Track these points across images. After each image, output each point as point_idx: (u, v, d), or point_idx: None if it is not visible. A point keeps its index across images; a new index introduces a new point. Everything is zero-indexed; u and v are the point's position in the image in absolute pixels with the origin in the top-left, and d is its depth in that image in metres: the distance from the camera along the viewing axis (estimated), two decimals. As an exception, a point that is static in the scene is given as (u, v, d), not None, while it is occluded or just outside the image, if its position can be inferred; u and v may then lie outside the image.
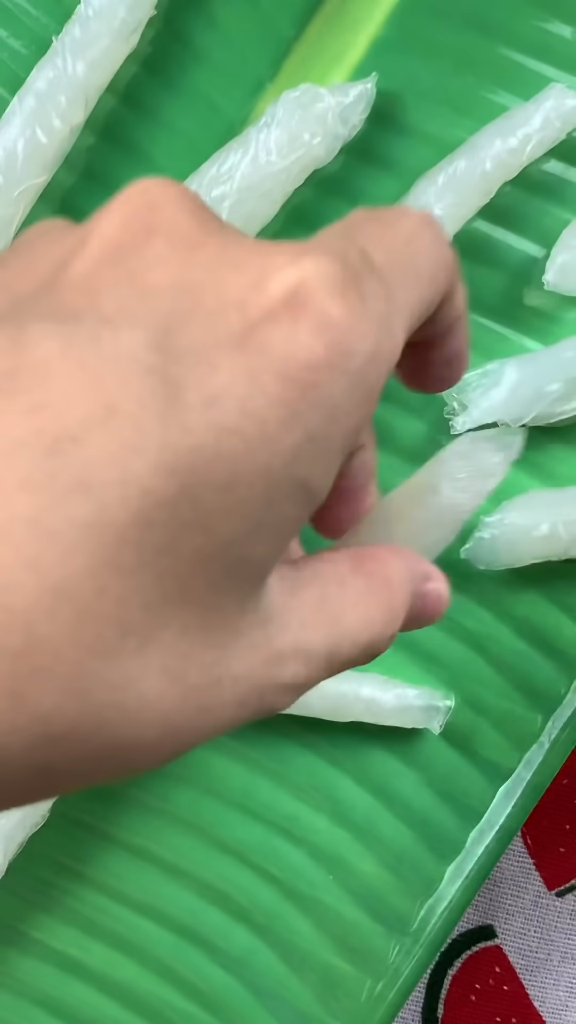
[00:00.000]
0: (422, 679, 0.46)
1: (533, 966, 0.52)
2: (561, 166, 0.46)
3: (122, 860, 0.46)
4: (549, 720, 0.45)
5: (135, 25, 0.45)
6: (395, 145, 0.46)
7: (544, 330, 0.46)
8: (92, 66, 0.45)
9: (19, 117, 0.44)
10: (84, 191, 0.47)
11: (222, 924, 0.46)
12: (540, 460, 0.46)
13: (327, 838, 0.46)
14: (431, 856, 0.45)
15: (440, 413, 0.45)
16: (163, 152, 0.47)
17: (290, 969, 0.45)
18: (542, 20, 0.46)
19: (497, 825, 0.45)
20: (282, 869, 0.46)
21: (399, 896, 0.45)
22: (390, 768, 0.46)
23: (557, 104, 0.44)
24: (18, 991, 0.46)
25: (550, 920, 0.52)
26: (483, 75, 0.46)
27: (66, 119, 0.45)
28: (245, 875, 0.46)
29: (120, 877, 0.46)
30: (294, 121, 0.44)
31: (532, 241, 0.46)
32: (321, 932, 0.45)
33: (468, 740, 0.45)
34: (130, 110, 0.47)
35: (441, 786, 0.45)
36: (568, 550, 0.44)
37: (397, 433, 0.46)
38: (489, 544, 0.45)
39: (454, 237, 0.46)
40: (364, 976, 0.45)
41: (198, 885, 0.46)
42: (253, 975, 0.45)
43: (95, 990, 0.46)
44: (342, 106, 0.45)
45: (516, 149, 0.44)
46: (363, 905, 0.45)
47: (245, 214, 0.45)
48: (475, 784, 0.45)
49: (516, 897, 0.52)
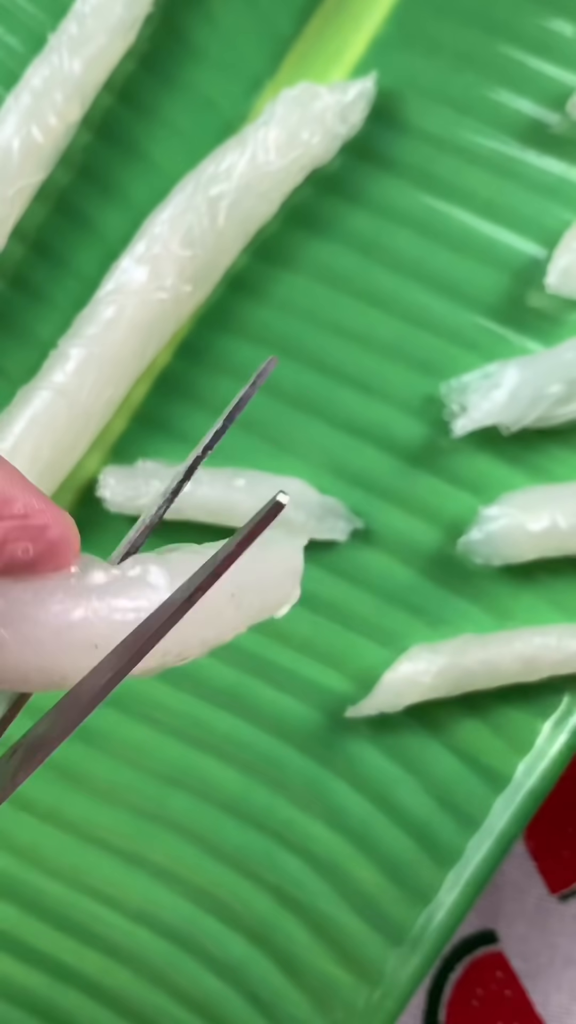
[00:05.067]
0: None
1: (535, 971, 0.52)
2: (562, 165, 0.46)
3: (117, 866, 0.46)
4: (549, 727, 0.45)
5: (132, 22, 0.45)
6: (395, 144, 0.46)
7: (545, 332, 0.45)
8: (89, 63, 0.45)
9: (15, 115, 0.45)
10: (81, 190, 0.47)
11: (218, 932, 0.46)
12: (540, 462, 0.45)
13: (324, 845, 0.45)
14: (430, 863, 0.45)
15: (440, 415, 0.45)
16: (161, 150, 0.47)
17: (287, 977, 0.45)
18: (543, 18, 0.46)
19: (496, 832, 0.45)
20: (279, 876, 0.46)
21: (397, 904, 0.45)
22: (388, 774, 0.45)
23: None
24: (11, 998, 0.46)
25: (553, 924, 0.52)
26: (484, 73, 0.46)
27: (62, 117, 0.45)
28: (241, 882, 0.46)
29: (114, 884, 0.46)
30: (293, 119, 0.44)
31: (534, 242, 0.46)
32: (318, 940, 0.45)
33: (467, 746, 0.45)
34: (127, 108, 0.47)
35: (440, 792, 0.45)
36: (566, 545, 0.44)
37: (396, 434, 0.46)
38: (487, 537, 0.45)
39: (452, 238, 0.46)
40: (362, 984, 0.45)
41: (193, 892, 0.46)
42: (249, 983, 0.45)
43: (89, 998, 0.46)
44: (341, 104, 0.45)
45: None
46: (361, 913, 0.45)
47: (243, 213, 0.45)
48: (474, 790, 0.45)
49: (518, 901, 0.52)
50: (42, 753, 0.26)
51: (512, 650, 0.44)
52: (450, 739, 0.45)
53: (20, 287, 0.47)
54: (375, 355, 0.46)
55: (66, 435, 0.44)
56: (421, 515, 0.46)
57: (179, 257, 0.44)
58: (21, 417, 0.44)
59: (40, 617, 0.27)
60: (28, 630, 0.27)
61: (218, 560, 0.25)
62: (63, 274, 0.47)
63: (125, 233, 0.46)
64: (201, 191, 0.44)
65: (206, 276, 0.45)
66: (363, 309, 0.46)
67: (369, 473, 0.46)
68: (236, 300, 0.47)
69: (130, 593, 0.28)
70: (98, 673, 0.27)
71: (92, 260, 0.46)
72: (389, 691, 0.44)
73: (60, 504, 0.46)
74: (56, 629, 0.27)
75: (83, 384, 0.44)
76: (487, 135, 0.46)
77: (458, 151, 0.46)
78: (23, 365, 0.46)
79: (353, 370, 0.46)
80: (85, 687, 0.27)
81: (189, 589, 0.25)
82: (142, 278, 0.44)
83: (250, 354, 0.46)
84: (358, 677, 0.46)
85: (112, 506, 0.46)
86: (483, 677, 0.44)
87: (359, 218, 0.46)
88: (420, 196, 0.46)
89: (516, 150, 0.46)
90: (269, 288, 0.46)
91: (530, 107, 0.46)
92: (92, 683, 0.26)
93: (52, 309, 0.46)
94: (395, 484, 0.46)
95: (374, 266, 0.46)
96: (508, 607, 0.45)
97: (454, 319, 0.46)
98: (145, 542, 0.30)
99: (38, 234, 0.47)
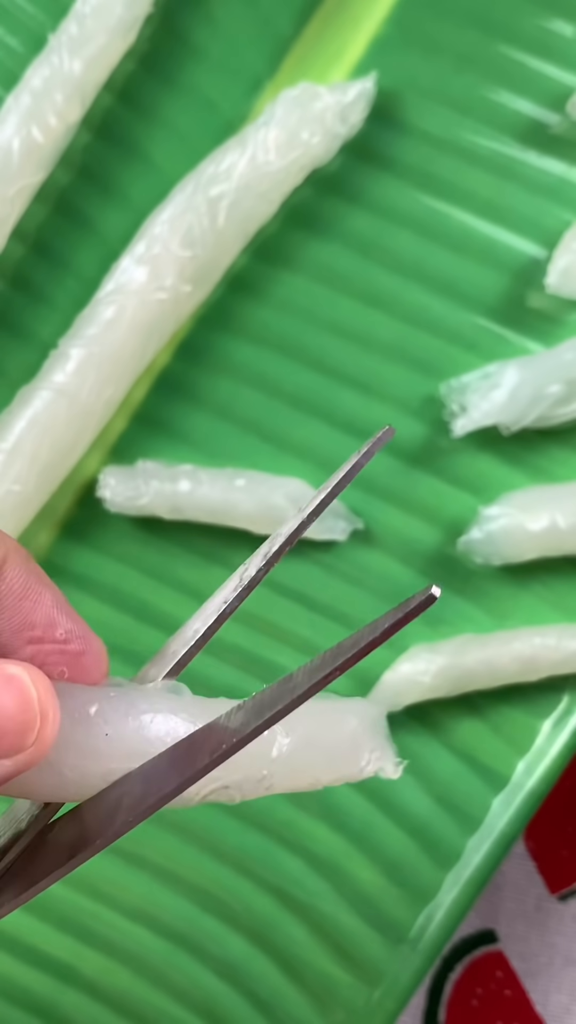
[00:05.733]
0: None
1: (535, 970, 0.52)
2: (562, 166, 0.46)
3: (116, 866, 0.46)
4: (549, 727, 0.45)
5: (132, 22, 0.45)
6: (395, 144, 0.46)
7: (545, 332, 0.45)
8: (89, 63, 0.45)
9: (15, 115, 0.45)
10: (81, 190, 0.47)
11: (218, 931, 0.46)
12: (540, 462, 0.45)
13: (324, 845, 0.45)
14: (429, 863, 0.45)
15: (440, 415, 0.45)
16: (160, 150, 0.47)
17: (287, 977, 0.45)
18: (543, 18, 0.46)
19: (496, 832, 0.45)
20: (279, 876, 0.46)
21: (397, 904, 0.45)
22: (388, 774, 0.45)
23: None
24: (11, 998, 0.46)
25: (552, 924, 0.52)
26: (484, 73, 0.46)
27: (62, 117, 0.45)
28: (241, 882, 0.46)
29: (114, 883, 0.46)
30: (293, 120, 0.44)
31: (534, 242, 0.46)
32: (318, 940, 0.45)
33: (467, 746, 0.45)
34: (127, 108, 0.47)
35: (440, 792, 0.45)
36: (565, 545, 0.44)
37: (396, 435, 0.46)
38: (487, 537, 0.45)
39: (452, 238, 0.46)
40: (361, 984, 0.45)
41: (193, 892, 0.46)
42: (249, 983, 0.45)
43: (89, 998, 0.46)
44: (341, 105, 0.45)
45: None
46: (361, 913, 0.45)
47: (243, 213, 0.45)
48: (474, 790, 0.45)
49: (518, 901, 0.52)
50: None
51: (511, 650, 0.44)
52: (450, 739, 0.45)
53: (20, 287, 0.47)
54: (375, 355, 0.46)
55: (66, 435, 0.44)
56: (421, 515, 0.46)
57: (179, 257, 0.44)
58: (21, 417, 0.44)
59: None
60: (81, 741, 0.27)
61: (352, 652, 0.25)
62: (63, 274, 0.47)
63: (125, 233, 0.46)
64: (201, 191, 0.44)
65: (206, 276, 0.45)
66: (363, 309, 0.46)
67: (369, 473, 0.46)
68: (236, 300, 0.47)
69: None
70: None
71: (92, 260, 0.46)
72: (389, 691, 0.45)
73: (60, 503, 0.47)
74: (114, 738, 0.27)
75: (83, 384, 0.44)
76: (487, 135, 0.46)
77: (458, 151, 0.46)
78: (23, 365, 0.46)
79: (353, 370, 0.46)
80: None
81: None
82: (142, 278, 0.44)
83: (250, 354, 0.47)
84: (358, 677, 0.46)
85: (112, 506, 0.46)
86: (483, 677, 0.44)
87: (359, 218, 0.46)
88: (420, 196, 0.46)
89: (516, 150, 0.46)
90: (269, 288, 0.46)
91: (530, 107, 0.46)
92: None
93: (52, 309, 0.47)
94: (395, 484, 0.46)
95: (374, 266, 0.46)
96: (507, 607, 0.45)
97: (454, 319, 0.46)
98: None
99: (38, 234, 0.47)
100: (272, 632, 0.46)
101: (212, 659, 0.46)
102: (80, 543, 0.47)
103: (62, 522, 0.47)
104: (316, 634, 0.46)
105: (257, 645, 0.46)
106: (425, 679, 0.44)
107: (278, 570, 0.46)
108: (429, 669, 0.44)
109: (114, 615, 0.46)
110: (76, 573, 0.47)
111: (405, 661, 0.45)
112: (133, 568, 0.47)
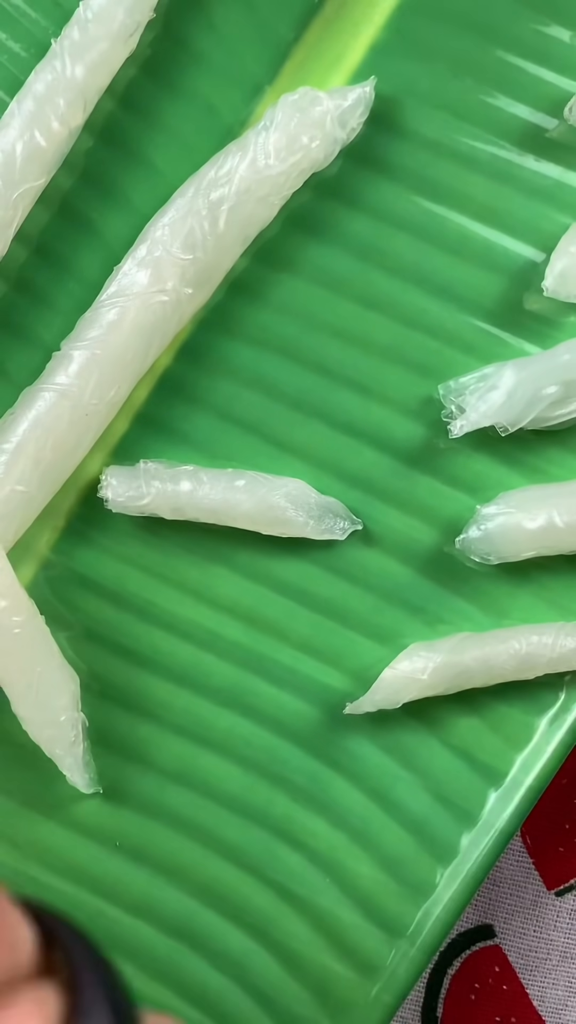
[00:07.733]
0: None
1: (532, 965, 0.52)
2: (559, 170, 0.46)
3: (117, 862, 0.46)
4: (546, 724, 0.45)
5: (134, 28, 0.45)
6: (393, 148, 0.46)
7: (542, 334, 0.46)
8: (91, 69, 0.45)
9: (17, 120, 0.44)
10: (83, 194, 0.47)
11: (218, 926, 0.46)
12: (537, 463, 0.46)
13: (324, 841, 0.46)
14: (428, 859, 0.45)
15: (438, 416, 0.46)
16: (161, 155, 0.47)
17: (287, 972, 0.45)
18: (541, 24, 0.46)
19: (494, 828, 0.45)
20: (279, 872, 0.46)
21: (396, 899, 0.45)
22: (386, 771, 0.46)
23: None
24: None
25: (549, 919, 0.52)
26: (482, 78, 0.46)
27: (65, 122, 0.45)
28: (241, 877, 0.46)
29: (115, 878, 0.46)
30: (292, 124, 0.44)
31: (531, 246, 0.46)
32: (318, 935, 0.45)
33: (465, 743, 0.45)
34: (129, 113, 0.47)
35: (437, 789, 0.45)
36: (562, 543, 0.44)
37: (395, 435, 0.46)
38: (485, 535, 0.45)
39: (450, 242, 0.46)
40: (361, 979, 0.45)
41: (194, 887, 0.46)
42: (249, 978, 0.45)
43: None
44: (340, 109, 0.45)
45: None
46: (360, 908, 0.45)
47: (243, 217, 0.45)
48: (471, 787, 0.45)
49: (515, 896, 0.52)
50: None
51: (509, 648, 0.44)
52: (447, 736, 0.46)
53: (23, 290, 0.47)
54: (374, 357, 0.46)
55: (69, 436, 0.45)
56: (419, 515, 0.46)
57: (180, 260, 0.44)
58: (24, 418, 0.44)
59: None
60: None
61: None
62: (65, 277, 0.47)
63: (127, 237, 0.46)
64: (202, 195, 0.44)
65: (207, 279, 0.45)
66: (362, 312, 0.46)
67: (368, 474, 0.46)
68: (236, 303, 0.47)
69: None
70: None
71: (94, 263, 0.46)
72: (387, 688, 0.45)
73: (62, 504, 0.47)
74: None
75: (86, 386, 0.44)
76: (485, 140, 0.46)
77: (456, 156, 0.46)
78: (26, 367, 0.46)
79: (352, 372, 0.46)
80: None
81: None
82: (144, 281, 0.44)
83: (250, 356, 0.47)
84: (357, 674, 0.46)
85: (114, 506, 0.46)
86: (480, 675, 0.45)
87: (358, 222, 0.46)
88: (418, 200, 0.46)
89: (514, 155, 0.46)
90: (269, 291, 0.47)
91: (528, 112, 0.46)
92: None
93: (55, 312, 0.47)
94: (393, 484, 0.46)
95: (372, 270, 0.46)
96: (505, 606, 0.46)
97: (452, 322, 0.46)
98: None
99: (41, 237, 0.47)
100: (272, 630, 0.46)
101: (212, 657, 0.46)
102: (82, 542, 0.47)
103: (65, 522, 0.47)
104: (316, 632, 0.46)
105: (256, 642, 0.46)
106: (423, 677, 0.44)
107: (278, 569, 0.46)
108: (427, 667, 0.44)
109: (116, 613, 0.47)
110: (78, 572, 0.47)
111: (403, 659, 0.45)
112: (135, 567, 0.47)
